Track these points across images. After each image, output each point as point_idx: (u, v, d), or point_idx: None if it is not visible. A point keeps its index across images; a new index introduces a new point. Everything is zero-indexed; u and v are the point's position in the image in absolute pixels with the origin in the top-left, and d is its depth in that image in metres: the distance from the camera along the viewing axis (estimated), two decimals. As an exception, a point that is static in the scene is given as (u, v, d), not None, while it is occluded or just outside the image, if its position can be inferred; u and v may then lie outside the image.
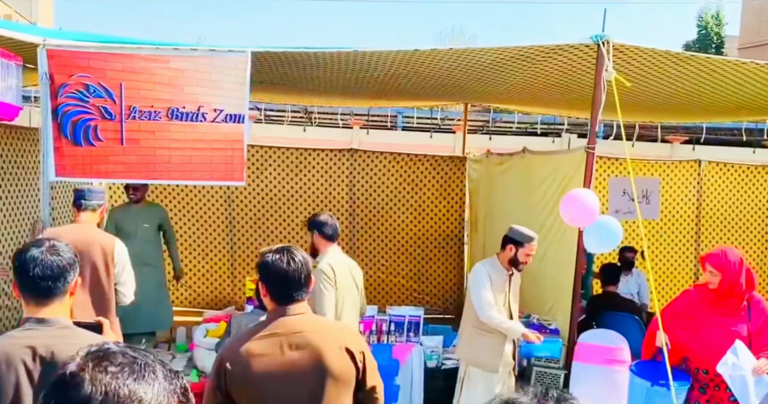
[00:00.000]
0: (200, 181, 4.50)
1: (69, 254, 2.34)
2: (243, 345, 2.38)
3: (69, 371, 1.01)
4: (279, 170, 7.74)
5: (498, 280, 4.36)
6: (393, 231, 7.98)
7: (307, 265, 2.47)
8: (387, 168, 7.87)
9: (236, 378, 2.33)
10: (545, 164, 5.39)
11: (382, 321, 4.93)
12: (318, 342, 2.37)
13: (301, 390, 2.35)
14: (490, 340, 4.30)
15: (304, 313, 2.46)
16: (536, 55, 4.61)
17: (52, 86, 4.17)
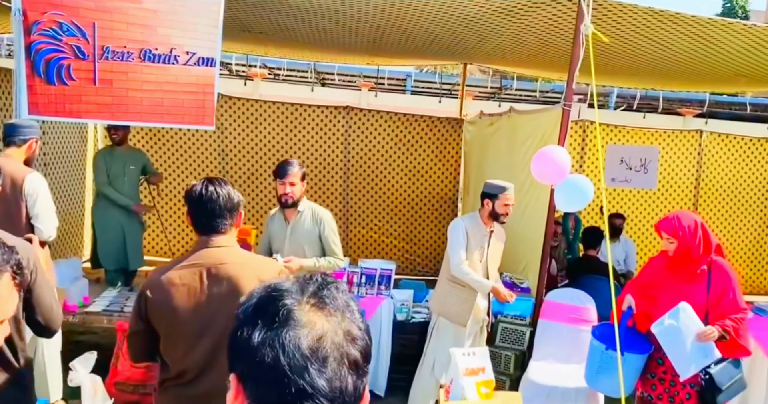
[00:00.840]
0: (171, 123, 4.50)
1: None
2: (164, 274, 2.38)
3: None
4: (274, 125, 7.71)
5: (476, 236, 4.33)
6: (387, 192, 7.94)
7: (231, 198, 2.44)
8: (383, 128, 7.80)
9: (155, 306, 2.34)
10: (527, 124, 5.31)
11: (353, 273, 4.93)
12: (237, 273, 2.36)
13: (217, 320, 2.33)
14: (461, 294, 4.30)
15: (229, 246, 2.45)
16: (519, 10, 4.49)
17: (25, 23, 4.15)
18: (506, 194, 4.24)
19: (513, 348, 4.70)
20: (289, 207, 4.11)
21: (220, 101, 7.55)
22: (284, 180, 4.08)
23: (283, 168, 4.12)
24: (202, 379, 2.35)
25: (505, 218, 4.29)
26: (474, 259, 4.28)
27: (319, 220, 4.16)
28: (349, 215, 7.94)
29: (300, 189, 4.13)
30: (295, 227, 4.14)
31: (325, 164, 7.78)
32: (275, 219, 4.28)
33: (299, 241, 4.12)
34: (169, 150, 7.70)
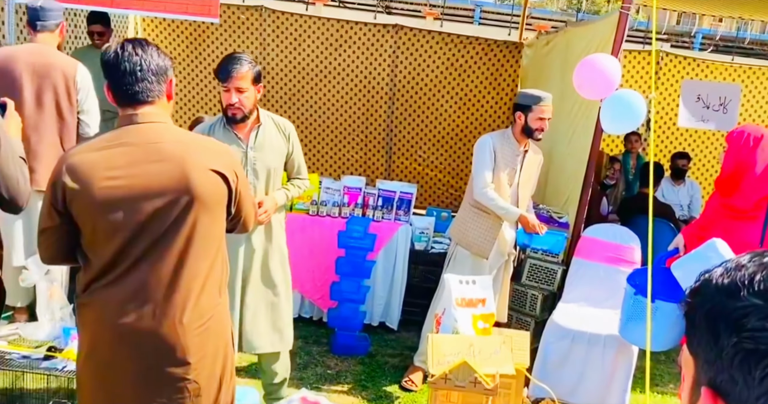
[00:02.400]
0: (174, 14, 4.07)
1: None
2: (85, 155, 1.95)
3: None
4: (318, 43, 7.20)
5: (507, 155, 3.78)
6: (434, 120, 7.38)
7: (155, 59, 1.99)
8: (434, 50, 7.17)
9: (78, 195, 1.91)
10: (582, 37, 4.62)
11: (369, 196, 4.48)
12: (181, 156, 1.94)
13: (163, 212, 1.93)
14: (484, 221, 3.77)
15: (163, 122, 2.01)
16: None
17: None
18: (541, 106, 3.63)
19: (541, 288, 4.19)
20: (238, 123, 3.05)
21: (263, 14, 7.17)
22: (228, 85, 2.97)
23: (225, 67, 2.97)
24: (133, 273, 1.95)
25: (539, 133, 3.70)
26: (502, 182, 3.73)
27: (287, 134, 3.20)
28: (392, 144, 7.44)
29: (252, 97, 3.03)
30: (259, 147, 3.10)
31: (370, 88, 7.26)
32: (220, 136, 3.03)
33: (266, 165, 3.12)
34: (208, 66, 7.33)
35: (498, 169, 3.73)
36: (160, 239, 1.94)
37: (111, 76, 1.98)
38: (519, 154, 3.81)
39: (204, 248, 2.01)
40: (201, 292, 2.01)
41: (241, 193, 2.11)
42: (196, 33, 7.22)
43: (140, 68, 1.96)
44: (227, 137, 3.06)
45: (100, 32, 5.29)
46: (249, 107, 3.03)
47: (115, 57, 1.96)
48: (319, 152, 7.54)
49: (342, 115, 7.39)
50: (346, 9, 13.05)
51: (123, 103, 2.00)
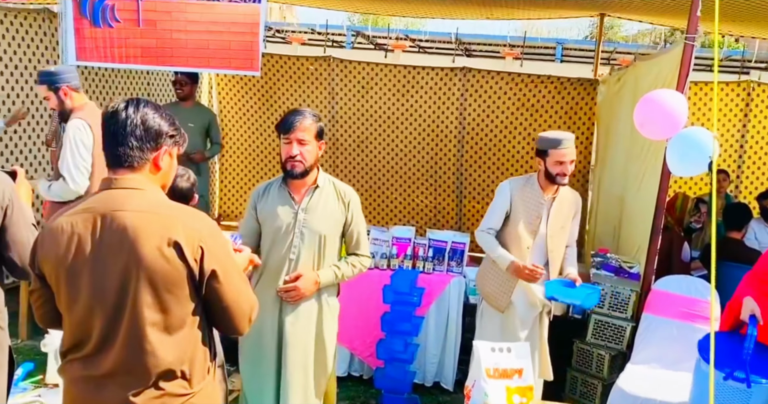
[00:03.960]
0: (217, 69, 4.09)
1: None
2: (58, 220, 1.87)
3: None
4: (385, 89, 7.14)
5: (528, 202, 3.50)
6: (506, 162, 7.08)
7: (147, 122, 1.86)
8: (504, 91, 6.93)
9: (44, 258, 1.86)
10: (650, 71, 4.26)
11: (419, 246, 4.24)
12: (135, 227, 1.78)
13: (107, 285, 1.80)
14: (500, 271, 3.49)
15: (137, 188, 1.86)
16: None
17: (72, -39, 3.95)
18: (560, 149, 3.34)
19: (608, 347, 3.78)
20: (297, 177, 2.90)
21: (332, 64, 7.21)
22: (289, 136, 2.84)
23: (288, 119, 2.87)
24: (104, 354, 1.83)
25: (563, 178, 3.40)
26: (520, 230, 3.45)
27: (347, 200, 3.01)
28: (463, 187, 7.19)
29: (314, 151, 2.89)
30: (312, 209, 2.93)
31: (438, 131, 7.09)
32: (274, 196, 2.98)
33: (316, 230, 2.93)
34: (279, 115, 7.42)
35: (516, 216, 3.47)
36: (115, 318, 1.80)
37: (103, 135, 1.89)
38: (544, 202, 3.50)
39: (169, 330, 1.83)
40: (169, 379, 1.84)
41: (217, 276, 1.85)
42: (267, 85, 7.35)
43: (123, 131, 1.84)
44: (281, 196, 2.97)
45: (183, 83, 5.46)
46: (310, 161, 2.88)
47: (106, 116, 1.88)
48: (388, 198, 7.40)
49: (411, 160, 7.24)
50: (426, 54, 13.07)
51: (107, 164, 1.91)
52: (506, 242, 3.54)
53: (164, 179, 1.97)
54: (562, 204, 3.53)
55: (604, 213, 5.70)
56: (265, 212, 2.98)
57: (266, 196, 3.01)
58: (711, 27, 3.93)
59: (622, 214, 4.63)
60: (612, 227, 5.09)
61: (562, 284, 3.43)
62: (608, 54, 11.71)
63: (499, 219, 3.49)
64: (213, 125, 5.78)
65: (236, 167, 7.90)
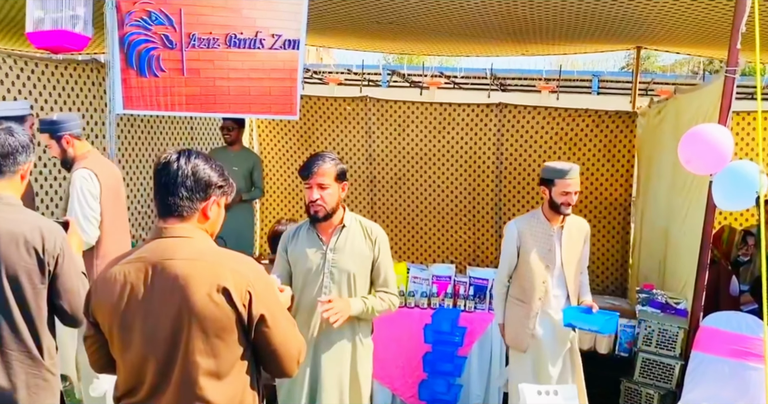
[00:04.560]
0: (258, 114, 4.20)
1: (24, 137, 2.46)
2: (111, 267, 1.94)
3: None
4: (422, 126, 7.21)
5: (538, 236, 3.54)
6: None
7: (198, 173, 1.91)
8: (541, 125, 6.93)
9: (98, 306, 1.92)
10: (690, 104, 4.22)
11: (460, 284, 4.22)
12: (186, 274, 1.83)
13: (159, 332, 1.84)
14: (518, 310, 3.55)
15: (187, 237, 1.91)
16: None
17: (119, 15, 4.13)
18: (566, 179, 3.38)
19: (657, 386, 3.68)
20: (320, 221, 2.96)
21: (368, 104, 7.33)
22: (310, 182, 2.90)
23: (308, 165, 2.93)
24: (156, 399, 1.87)
25: (566, 208, 3.45)
26: (534, 266, 3.49)
27: (374, 238, 3.04)
28: (502, 222, 7.14)
29: (335, 195, 2.94)
30: (340, 249, 2.98)
31: (476, 167, 7.10)
32: (303, 238, 3.04)
33: (346, 269, 2.97)
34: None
35: (529, 253, 3.51)
36: (167, 364, 1.84)
37: (155, 185, 1.96)
38: (553, 233, 3.51)
39: (219, 375, 1.85)
40: None
41: (266, 320, 1.88)
42: (306, 126, 7.49)
43: (174, 182, 1.90)
44: (310, 238, 3.02)
45: (230, 128, 5.62)
46: (332, 204, 2.93)
47: (158, 167, 1.94)
48: (426, 234, 7.40)
49: (449, 196, 7.26)
50: (461, 90, 13.16)
51: (158, 213, 1.97)
52: (522, 282, 3.56)
53: (212, 227, 2.02)
54: (571, 232, 3.55)
55: (648, 247, 5.60)
56: (295, 254, 3.03)
57: (296, 238, 3.07)
58: (752, 56, 3.90)
59: (666, 248, 4.55)
60: (657, 262, 4.99)
61: (579, 310, 3.44)
62: (646, 85, 11.64)
63: (511, 263, 3.53)
64: (256, 169, 5.92)
65: (275, 206, 8.02)
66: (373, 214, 7.56)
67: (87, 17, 4.10)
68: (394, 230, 7.48)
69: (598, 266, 6.98)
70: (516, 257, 3.54)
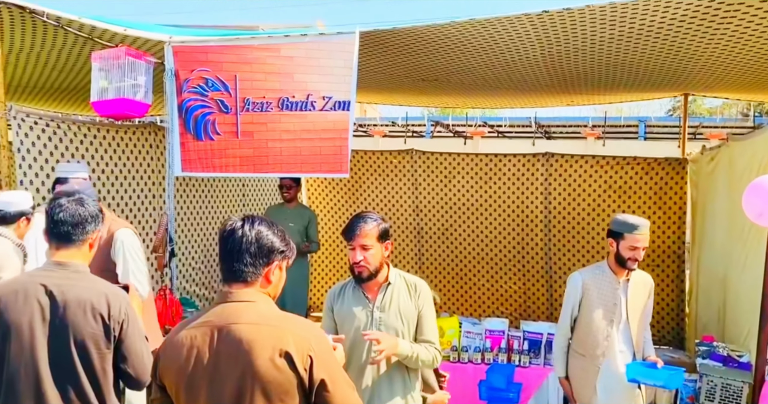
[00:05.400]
0: (309, 173, 4.31)
1: (93, 207, 2.63)
2: (179, 331, 2.02)
3: None
4: (468, 177, 7.26)
5: (604, 290, 3.48)
6: (596, 245, 6.94)
7: (261, 241, 1.99)
8: (588, 174, 6.90)
9: (166, 370, 1.99)
10: (744, 151, 4.18)
11: (514, 338, 4.17)
12: (249, 339, 1.89)
13: (224, 395, 1.90)
14: (582, 364, 3.48)
15: (250, 301, 1.98)
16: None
17: (177, 82, 4.35)
18: (635, 234, 3.33)
19: (725, 446, 3.52)
20: (364, 281, 2.95)
21: (414, 156, 7.44)
22: (353, 243, 2.90)
23: (350, 227, 2.92)
24: None
25: (632, 263, 3.39)
26: (598, 320, 3.43)
27: (418, 293, 3.01)
28: (552, 272, 7.07)
29: (378, 255, 2.91)
30: (386, 307, 2.96)
31: (524, 217, 7.08)
32: (349, 296, 3.03)
33: (393, 327, 2.95)
34: (365, 208, 7.65)
35: (593, 306, 3.44)
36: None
37: (220, 251, 2.04)
38: (618, 286, 3.44)
39: None
40: None
41: (326, 384, 1.92)
42: (353, 180, 7.63)
43: (239, 249, 1.98)
44: (356, 296, 3.01)
45: (288, 186, 5.82)
46: (375, 264, 2.91)
47: (223, 233, 2.02)
48: (476, 284, 7.35)
49: (497, 246, 7.23)
50: (505, 138, 13.22)
51: (223, 278, 2.04)
52: (585, 335, 3.49)
53: (274, 290, 2.09)
54: (636, 286, 3.49)
55: (706, 296, 5.46)
56: (342, 313, 3.01)
57: (342, 297, 3.05)
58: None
59: (726, 296, 4.44)
60: (716, 311, 4.86)
61: (643, 366, 3.35)
62: (694, 129, 11.51)
63: (574, 316, 3.50)
64: (311, 225, 6.08)
65: (324, 259, 8.11)
66: (421, 265, 7.57)
67: (147, 86, 4.32)
68: (442, 281, 7.47)
69: (653, 316, 6.80)
70: (578, 310, 3.49)
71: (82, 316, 2.39)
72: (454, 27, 3.94)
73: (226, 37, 4.36)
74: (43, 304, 2.38)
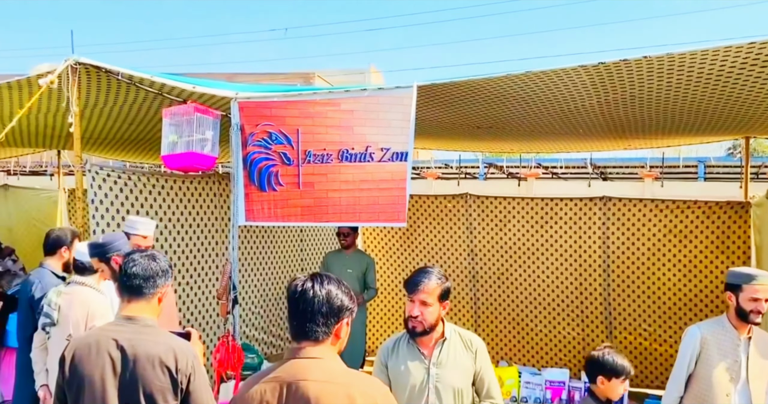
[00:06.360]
0: (367, 222, 4.38)
1: (164, 263, 2.72)
2: (251, 385, 2.11)
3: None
4: (524, 221, 7.24)
5: (724, 346, 3.34)
6: (657, 291, 6.79)
7: (331, 300, 2.07)
8: (648, 218, 6.79)
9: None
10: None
11: (575, 390, 4.11)
12: (317, 396, 1.96)
13: None
14: None
15: (318, 358, 2.06)
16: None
17: (243, 136, 4.53)
18: (753, 285, 3.21)
19: None
20: (417, 336, 2.95)
21: (468, 201, 7.48)
22: (413, 297, 2.89)
23: (414, 279, 2.93)
24: None
25: (756, 316, 3.25)
26: (718, 376, 3.25)
27: (474, 350, 2.98)
28: (612, 317, 6.92)
29: (435, 313, 2.91)
30: (443, 363, 2.93)
31: (581, 261, 6.99)
32: (403, 351, 2.99)
33: (450, 384, 2.91)
34: (420, 253, 7.70)
35: (712, 362, 3.28)
36: None
37: (289, 308, 2.13)
38: (740, 343, 3.31)
39: None
40: None
41: None
42: (409, 223, 7.69)
43: (311, 309, 2.06)
44: (410, 351, 2.98)
45: (346, 234, 5.97)
46: (430, 322, 2.91)
47: (294, 292, 2.10)
48: (533, 330, 7.25)
49: (554, 291, 7.14)
50: (560, 179, 13.12)
51: (293, 335, 2.12)
52: (701, 395, 3.35)
53: (342, 345, 2.16)
54: (758, 344, 3.35)
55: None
56: (396, 370, 2.97)
57: (395, 352, 3.01)
58: None
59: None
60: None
61: None
62: (756, 169, 11.22)
63: (684, 374, 3.36)
64: (369, 271, 6.18)
65: (379, 303, 8.14)
66: (477, 310, 7.53)
67: (215, 139, 4.52)
68: (498, 327, 7.40)
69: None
70: (695, 366, 3.39)
71: (151, 370, 2.48)
72: (511, 79, 4.02)
73: (289, 93, 4.54)
74: (114, 358, 2.49)
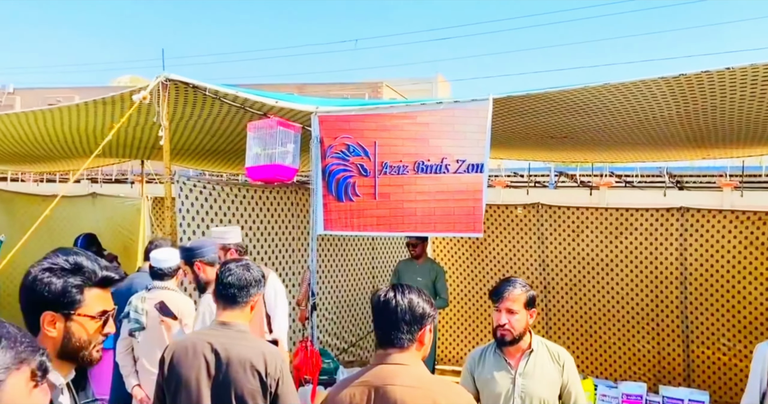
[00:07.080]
0: (442, 233, 4.46)
1: (257, 273, 2.87)
2: (341, 389, 2.24)
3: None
4: (597, 232, 7.16)
5: None
6: (737, 305, 6.59)
7: (414, 308, 2.18)
8: (728, 229, 6.61)
9: None
10: None
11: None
12: (404, 400, 2.07)
13: None
14: None
15: (405, 364, 2.17)
16: None
17: (322, 148, 4.69)
18: None
19: None
20: (506, 345, 3.00)
21: (540, 210, 7.45)
22: (499, 306, 2.97)
23: (499, 289, 3.00)
24: None
25: None
26: None
27: (561, 363, 3.00)
28: (689, 331, 6.75)
29: (523, 320, 2.97)
30: (529, 374, 2.97)
31: (657, 273, 6.86)
32: (490, 361, 3.06)
33: (536, 395, 2.93)
34: (491, 263, 7.71)
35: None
36: None
37: (375, 318, 2.25)
38: None
39: None
40: None
41: None
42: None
43: (395, 318, 2.18)
44: (497, 362, 3.05)
45: (414, 244, 6.10)
46: (519, 330, 2.96)
47: (378, 302, 2.22)
48: (606, 342, 7.14)
49: (629, 303, 7.02)
50: (634, 189, 12.83)
51: (379, 342, 2.24)
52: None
53: (426, 351, 2.26)
54: None
55: None
56: (482, 379, 3.04)
57: (482, 362, 3.08)
58: None
59: None
60: None
61: None
62: None
63: (758, 391, 3.27)
64: (440, 280, 6.24)
65: (449, 311, 8.19)
66: (548, 321, 7.47)
67: (296, 152, 4.70)
68: (570, 339, 7.32)
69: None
70: (766, 384, 3.32)
71: (242, 373, 2.63)
72: (588, 91, 4.03)
73: (367, 107, 4.68)
74: (209, 361, 2.66)
